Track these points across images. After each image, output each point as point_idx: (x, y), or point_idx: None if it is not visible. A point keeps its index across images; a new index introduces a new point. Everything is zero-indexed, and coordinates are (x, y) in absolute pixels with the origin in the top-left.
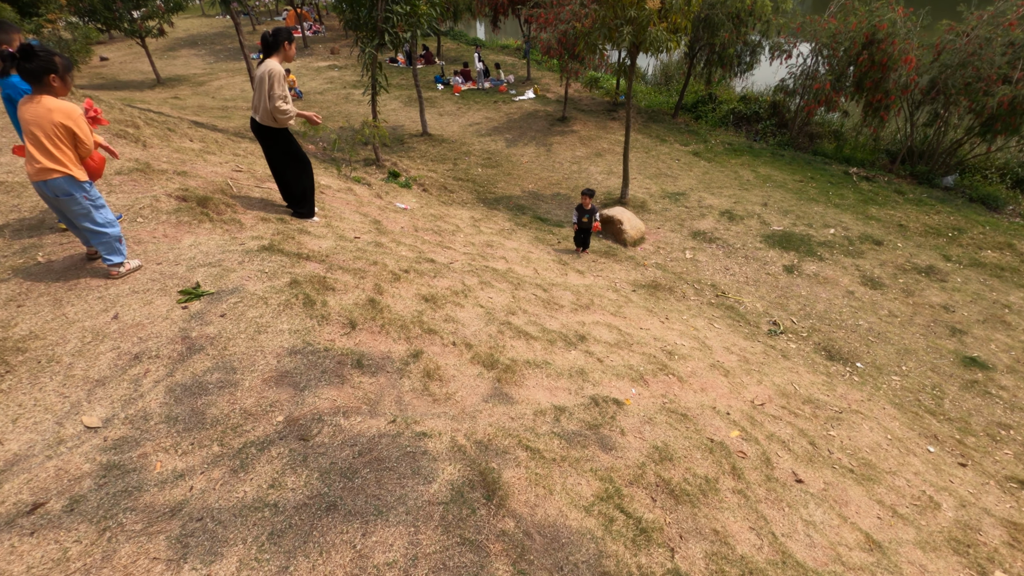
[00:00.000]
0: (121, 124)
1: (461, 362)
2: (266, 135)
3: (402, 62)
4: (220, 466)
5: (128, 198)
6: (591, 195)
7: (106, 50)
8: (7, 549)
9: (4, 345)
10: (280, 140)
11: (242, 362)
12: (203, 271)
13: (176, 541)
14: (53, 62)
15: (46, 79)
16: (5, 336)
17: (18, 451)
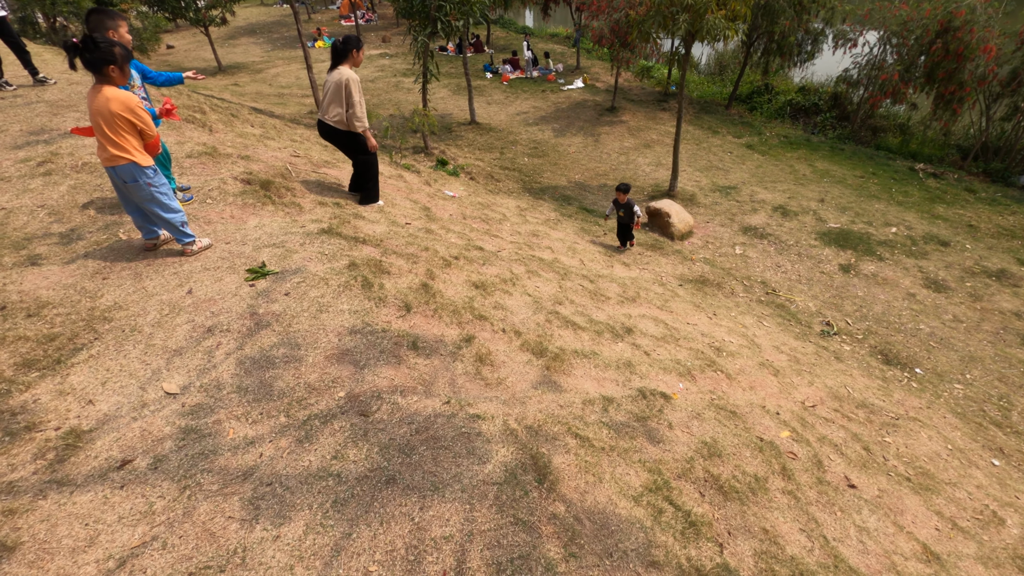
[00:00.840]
0: (190, 110)
1: (511, 348)
2: (336, 137)
3: (452, 50)
4: (287, 436)
5: (198, 180)
6: (625, 191)
7: (172, 38)
8: (101, 499)
9: (92, 314)
10: (348, 140)
11: (306, 339)
12: (268, 251)
13: (249, 503)
14: (112, 53)
15: (105, 69)
16: (93, 306)
17: (107, 411)
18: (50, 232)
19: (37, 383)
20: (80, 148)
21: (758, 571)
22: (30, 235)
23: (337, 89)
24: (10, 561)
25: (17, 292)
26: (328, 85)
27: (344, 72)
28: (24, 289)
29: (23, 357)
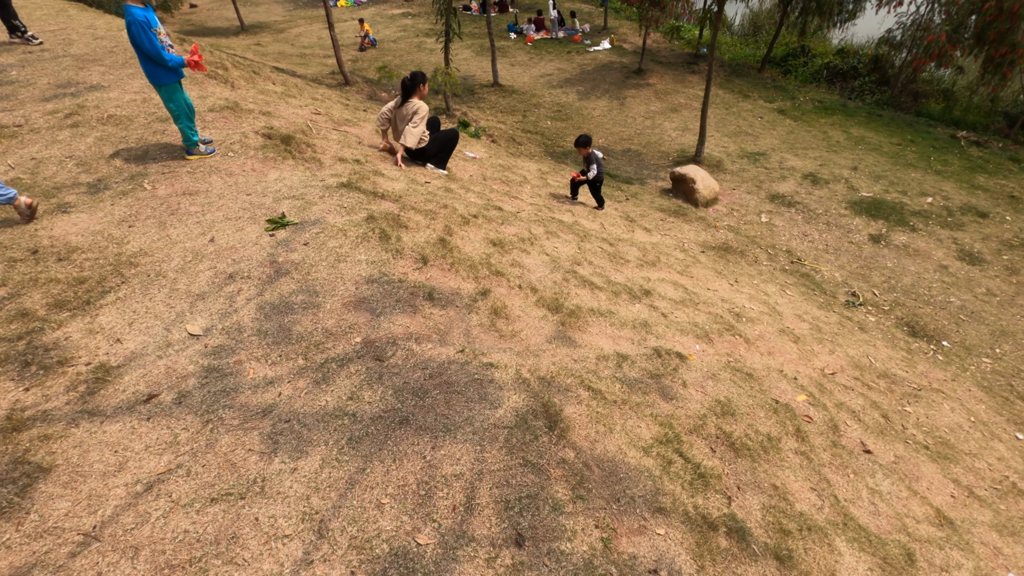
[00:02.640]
0: (213, 66)
1: (526, 304)
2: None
3: (475, 9)
4: (304, 377)
5: (220, 133)
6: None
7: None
8: (129, 429)
9: (119, 260)
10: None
11: (324, 287)
12: (288, 203)
13: (267, 437)
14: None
15: None
16: (120, 252)
17: (134, 350)
18: (78, 182)
19: (68, 322)
20: (106, 101)
21: (765, 523)
22: (59, 184)
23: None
24: (46, 481)
25: (48, 238)
26: (405, 115)
27: (416, 103)
28: (55, 235)
29: (54, 298)
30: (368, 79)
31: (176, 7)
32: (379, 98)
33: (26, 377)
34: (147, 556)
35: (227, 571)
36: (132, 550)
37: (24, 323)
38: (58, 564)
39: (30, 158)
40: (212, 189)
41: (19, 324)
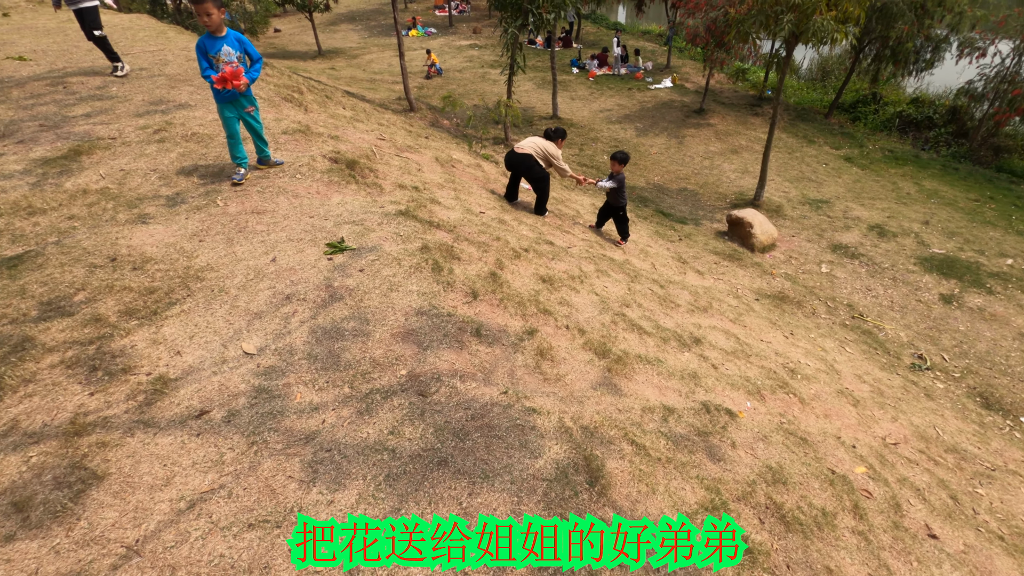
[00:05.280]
0: (289, 89)
1: (573, 346)
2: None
3: (540, 44)
4: (348, 406)
5: (291, 155)
6: (622, 161)
7: (280, 22)
8: (179, 443)
9: (187, 273)
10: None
11: (375, 315)
12: (347, 228)
13: (308, 466)
14: None
15: None
16: (188, 265)
17: (192, 363)
18: (159, 194)
19: (135, 331)
20: (191, 119)
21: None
22: (142, 196)
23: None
24: (98, 488)
25: (127, 247)
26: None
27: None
28: (133, 244)
29: (126, 306)
30: (432, 106)
31: (263, 31)
32: (441, 125)
33: (92, 382)
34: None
35: None
36: (169, 569)
37: (96, 328)
38: (107, 569)
39: (119, 169)
40: (278, 209)
41: (92, 329)
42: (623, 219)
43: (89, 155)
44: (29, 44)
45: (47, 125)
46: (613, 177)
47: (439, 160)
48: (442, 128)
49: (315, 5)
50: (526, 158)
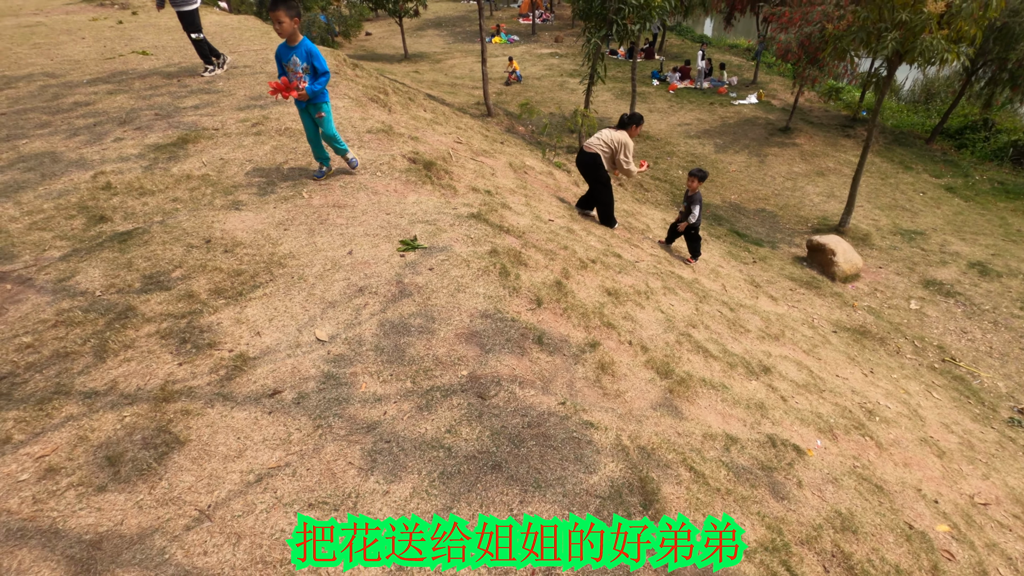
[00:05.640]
0: (376, 90)
1: (635, 363)
2: (591, 162)
3: (622, 54)
4: (409, 401)
5: (373, 153)
6: (701, 178)
7: (372, 26)
8: (252, 419)
9: (271, 259)
10: (597, 169)
11: (440, 314)
12: (421, 227)
13: (367, 454)
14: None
15: None
16: (273, 252)
17: (269, 345)
18: (252, 183)
19: (222, 309)
20: (285, 115)
21: None
22: (237, 184)
23: (611, 142)
24: (179, 453)
25: (221, 230)
26: (604, 133)
27: (623, 136)
28: (226, 228)
29: (216, 285)
30: (509, 112)
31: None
32: (516, 131)
33: (181, 353)
34: (246, 547)
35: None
36: (235, 537)
37: (189, 304)
38: (175, 534)
39: (219, 158)
40: (358, 205)
41: (185, 304)
42: (695, 237)
43: (194, 143)
44: (152, 40)
45: (161, 114)
46: (697, 201)
47: (512, 166)
48: (517, 134)
49: (405, 11)
50: (593, 158)
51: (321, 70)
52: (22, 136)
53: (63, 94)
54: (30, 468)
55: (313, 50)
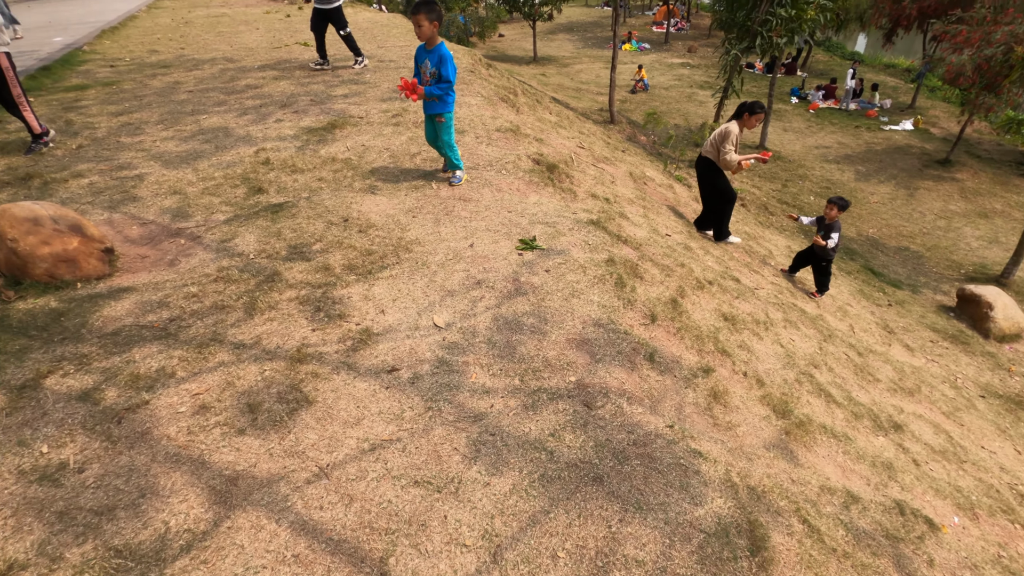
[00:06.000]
0: (506, 90)
1: (749, 396)
2: (703, 166)
3: (759, 68)
4: (516, 398)
5: (500, 152)
6: (842, 207)
7: (505, 28)
8: (371, 391)
9: (399, 243)
10: (711, 174)
11: (553, 317)
12: (540, 228)
13: (472, 443)
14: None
15: None
16: (401, 236)
17: (391, 324)
18: (387, 170)
19: (353, 284)
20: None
21: None
22: (375, 169)
23: (716, 136)
24: (307, 411)
25: (357, 211)
26: (716, 131)
27: (730, 125)
28: (362, 210)
29: (349, 261)
30: (632, 121)
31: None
32: (638, 140)
33: (315, 320)
34: (357, 510)
35: (410, 555)
36: (348, 499)
37: (325, 275)
38: (296, 485)
39: (361, 144)
40: (482, 200)
41: (321, 275)
42: (825, 270)
43: (341, 129)
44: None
45: (315, 101)
46: (836, 229)
47: (632, 175)
48: (639, 144)
49: (540, 14)
50: (704, 162)
51: (445, 78)
52: (203, 112)
53: (238, 77)
54: (187, 403)
55: (445, 56)
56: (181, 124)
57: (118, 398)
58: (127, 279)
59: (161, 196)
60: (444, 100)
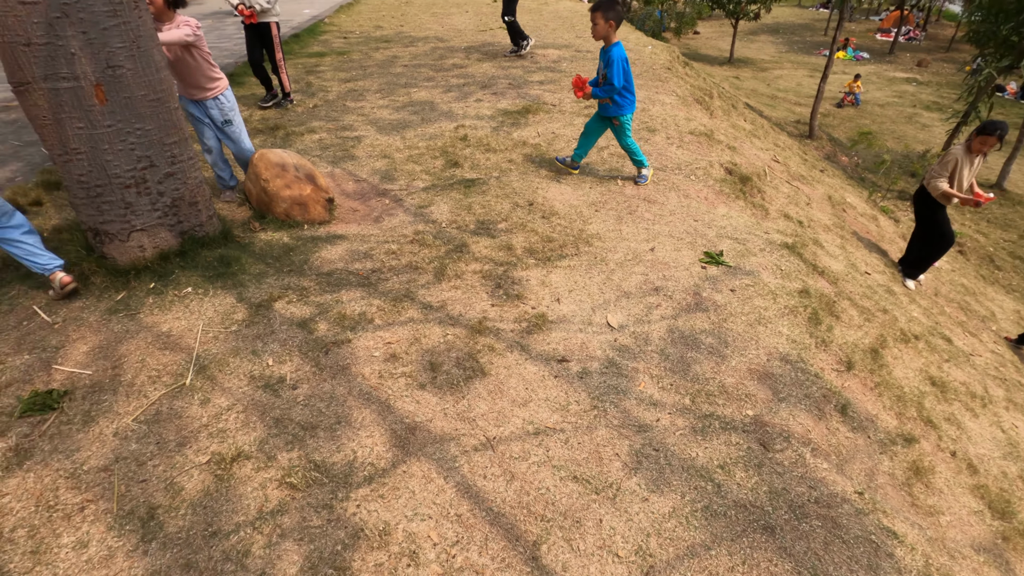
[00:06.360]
0: (702, 92)
1: (957, 482)
2: (920, 198)
3: (1012, 93)
4: (685, 418)
5: (691, 155)
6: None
7: (703, 25)
8: (540, 376)
9: (580, 235)
10: (929, 208)
11: (735, 341)
12: (728, 243)
13: (634, 454)
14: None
15: None
16: (582, 229)
17: (565, 314)
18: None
19: (532, 268)
20: None
21: None
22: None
23: (940, 157)
24: (480, 382)
25: (542, 197)
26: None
27: (954, 148)
28: (547, 197)
29: (531, 245)
30: (833, 138)
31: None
32: (837, 160)
33: (495, 296)
34: (516, 489)
35: (561, 548)
36: (509, 475)
37: (507, 254)
38: (464, 448)
39: (551, 131)
40: (667, 204)
41: (504, 254)
42: None
43: (534, 115)
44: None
45: (513, 84)
46: None
47: (831, 199)
48: (839, 164)
49: (746, 13)
50: (920, 194)
51: (610, 80)
52: (414, 86)
53: (446, 56)
54: (381, 349)
55: (614, 59)
56: (395, 95)
57: (327, 332)
58: (341, 228)
59: (373, 158)
60: (618, 103)
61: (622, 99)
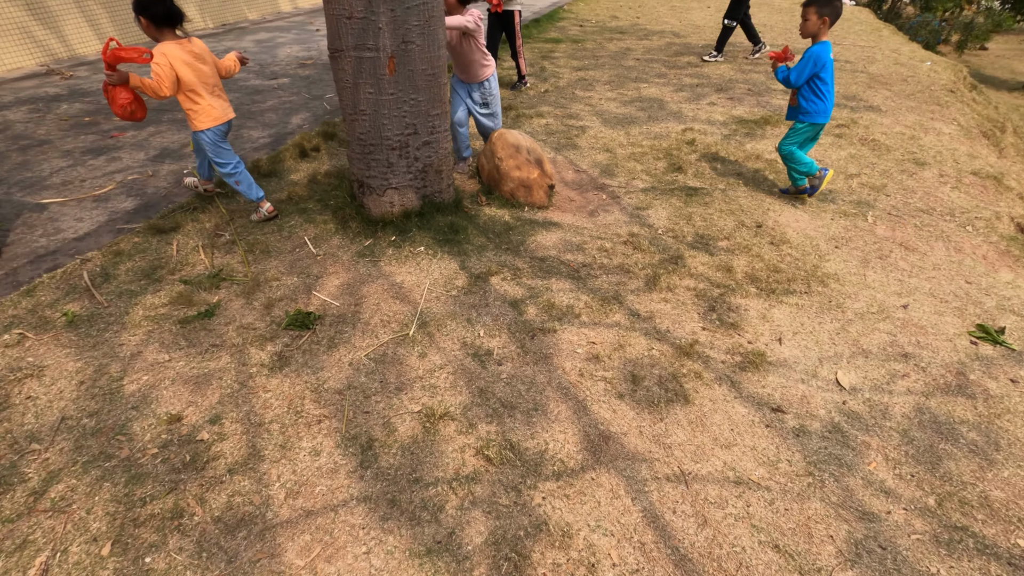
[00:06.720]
0: (991, 123)
1: None
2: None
3: None
4: (925, 521)
5: (971, 202)
6: None
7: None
8: (749, 421)
9: (813, 272)
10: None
11: (1012, 447)
12: (1012, 320)
13: (854, 544)
14: None
15: None
16: (817, 265)
17: (786, 357)
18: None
19: (752, 297)
20: (875, 124)
21: None
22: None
23: None
24: (681, 408)
25: (774, 221)
26: None
27: None
28: (779, 221)
29: (753, 271)
30: None
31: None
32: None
33: (707, 319)
34: (708, 536)
35: None
36: (701, 519)
37: (725, 276)
38: (656, 475)
39: None
40: (931, 255)
41: (722, 275)
42: None
43: (773, 126)
44: (764, 18)
45: (752, 90)
46: None
47: None
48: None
49: None
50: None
51: (787, 73)
52: (644, 81)
53: (681, 53)
54: (584, 347)
55: (807, 55)
56: (624, 88)
57: (535, 316)
58: (557, 215)
59: (595, 150)
60: (803, 107)
61: (808, 103)
